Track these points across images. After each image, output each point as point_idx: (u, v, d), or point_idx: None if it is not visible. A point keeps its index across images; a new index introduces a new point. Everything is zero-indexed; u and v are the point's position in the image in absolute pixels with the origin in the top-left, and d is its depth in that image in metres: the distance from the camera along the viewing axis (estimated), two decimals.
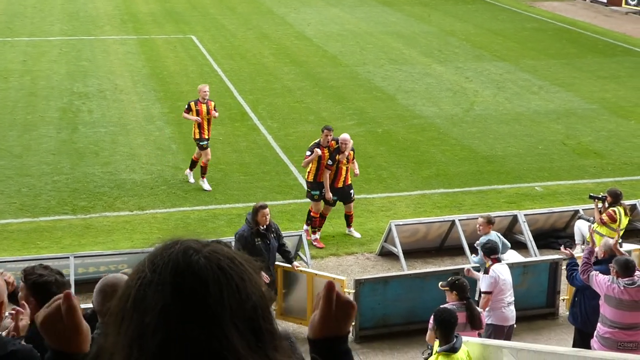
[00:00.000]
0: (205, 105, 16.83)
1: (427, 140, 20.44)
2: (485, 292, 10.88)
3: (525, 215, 14.72)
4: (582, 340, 10.63)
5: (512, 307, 11.05)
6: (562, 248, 11.80)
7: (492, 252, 11.02)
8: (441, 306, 9.55)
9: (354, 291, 11.89)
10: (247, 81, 25.66)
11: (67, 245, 14.41)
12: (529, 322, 12.13)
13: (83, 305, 6.25)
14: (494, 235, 12.14)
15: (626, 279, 9.59)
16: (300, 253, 13.90)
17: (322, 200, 15.00)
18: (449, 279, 10.27)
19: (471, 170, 18.65)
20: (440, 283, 10.30)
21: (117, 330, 1.69)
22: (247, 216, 12.30)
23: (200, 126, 16.74)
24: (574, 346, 10.69)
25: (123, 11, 37.02)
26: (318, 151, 14.78)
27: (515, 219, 14.68)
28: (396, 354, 11.69)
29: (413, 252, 14.40)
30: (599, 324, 9.81)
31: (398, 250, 13.80)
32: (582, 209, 15.02)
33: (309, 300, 11.96)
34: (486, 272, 10.99)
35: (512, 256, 13.03)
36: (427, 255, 14.65)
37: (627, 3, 41.36)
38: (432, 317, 8.52)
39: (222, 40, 31.54)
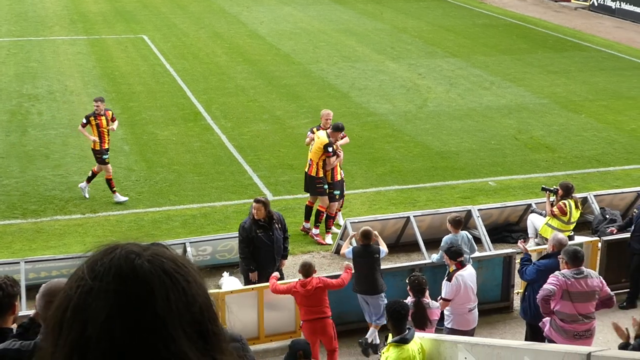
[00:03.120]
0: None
1: (381, 137, 20.49)
2: (445, 299, 10.68)
3: (479, 210, 14.83)
4: (534, 333, 10.72)
5: (475, 312, 11.02)
6: (519, 242, 11.90)
7: (456, 256, 10.80)
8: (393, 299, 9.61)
9: None
10: (200, 81, 25.49)
11: (17, 250, 14.16)
12: (484, 316, 12.19)
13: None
14: (462, 236, 12.02)
15: (574, 269, 9.67)
16: None
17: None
18: (410, 275, 10.35)
19: (425, 166, 18.74)
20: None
21: (55, 342, 1.62)
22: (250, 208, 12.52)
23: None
24: (525, 340, 10.78)
25: (72, 11, 36.54)
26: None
27: (469, 213, 14.77)
28: (353, 351, 11.68)
29: None
30: (554, 316, 9.85)
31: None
32: (535, 203, 15.18)
33: (261, 317, 11.74)
34: (449, 278, 10.75)
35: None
36: None
37: None
38: (385, 308, 8.56)
39: (174, 39, 31.29)
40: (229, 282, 12.89)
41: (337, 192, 14.95)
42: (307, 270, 10.72)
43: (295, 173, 17.97)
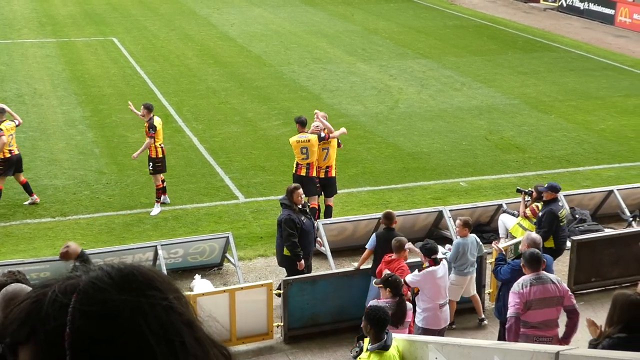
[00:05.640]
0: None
1: (352, 138, 20.49)
2: (406, 284, 10.60)
3: (450, 210, 14.88)
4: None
5: (447, 309, 11.06)
6: (493, 243, 11.98)
7: (430, 253, 10.86)
8: (371, 303, 9.56)
9: (282, 291, 11.85)
10: (171, 83, 25.38)
11: None
12: (456, 316, 12.25)
13: None
14: (472, 240, 12.03)
15: (533, 274, 9.42)
16: (227, 255, 13.80)
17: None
18: (383, 275, 10.29)
19: (397, 167, 18.79)
20: (374, 281, 10.32)
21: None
22: (282, 202, 12.58)
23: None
24: (499, 339, 10.82)
25: (41, 14, 36.22)
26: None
27: (440, 214, 14.83)
28: (325, 353, 11.68)
29: (341, 250, 14.42)
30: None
31: (326, 249, 13.80)
32: (506, 203, 15.26)
33: (233, 319, 11.69)
34: (420, 270, 10.81)
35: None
36: (355, 253, 14.66)
37: (545, 0, 42.28)
38: (365, 314, 8.49)
39: (145, 42, 31.13)
40: (201, 285, 12.84)
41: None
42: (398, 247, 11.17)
43: (267, 175, 17.96)
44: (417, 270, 10.95)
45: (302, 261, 12.35)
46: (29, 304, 1.46)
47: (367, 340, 8.47)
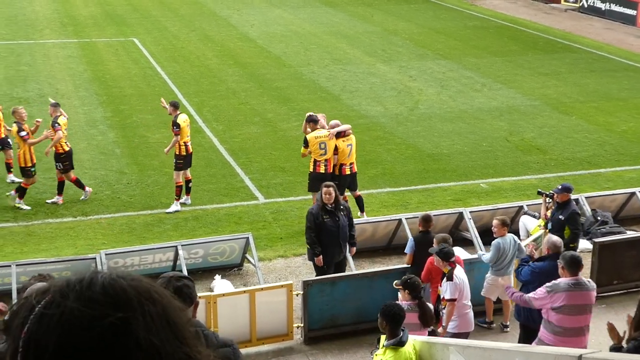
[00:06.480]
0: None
1: (372, 139, 20.49)
2: (450, 300, 10.55)
3: (470, 212, 14.81)
4: (526, 335, 10.68)
5: (472, 311, 10.97)
6: (521, 244, 11.92)
7: (448, 257, 10.67)
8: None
9: (302, 292, 11.85)
10: (191, 84, 25.46)
11: (8, 253, 14.11)
12: (476, 318, 12.20)
13: None
14: (510, 238, 11.95)
15: (572, 279, 9.38)
16: (247, 255, 13.83)
17: None
18: (403, 277, 10.23)
19: (417, 168, 18.75)
20: (394, 282, 10.26)
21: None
22: (317, 196, 13.08)
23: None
24: (519, 342, 10.76)
25: (63, 14, 36.45)
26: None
27: (461, 216, 14.77)
28: (345, 354, 11.67)
29: (361, 252, 14.40)
30: (542, 329, 9.71)
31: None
32: (527, 205, 15.18)
33: (253, 320, 11.71)
34: (449, 277, 10.61)
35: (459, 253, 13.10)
36: (374, 254, 14.68)
37: (566, 0, 42.06)
38: (380, 311, 8.48)
39: (165, 42, 31.25)
40: (221, 285, 12.89)
41: None
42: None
43: (287, 175, 17.98)
44: (445, 279, 10.76)
45: (320, 257, 12.45)
46: (18, 302, 1.56)
47: (383, 337, 8.48)
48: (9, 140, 17.22)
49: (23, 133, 15.87)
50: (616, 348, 7.62)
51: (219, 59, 28.75)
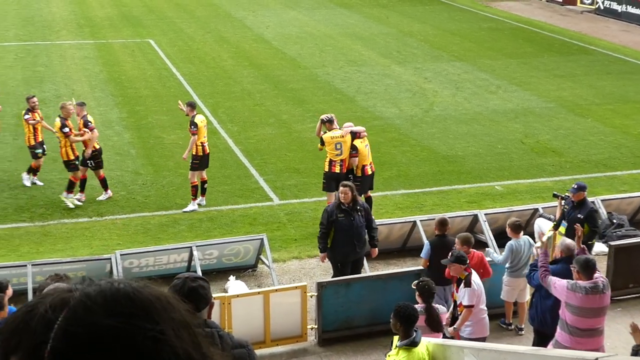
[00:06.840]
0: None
1: (387, 141, 20.48)
2: (468, 306, 10.46)
3: (485, 214, 14.78)
4: (540, 340, 10.64)
5: (487, 316, 10.94)
6: (533, 248, 11.88)
7: (464, 261, 10.57)
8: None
9: (316, 294, 11.86)
10: (207, 85, 25.53)
11: (24, 253, 14.20)
12: (491, 321, 12.17)
13: None
14: (525, 240, 11.96)
15: (588, 282, 9.35)
16: (262, 257, 13.85)
17: None
18: (419, 279, 10.20)
19: (432, 170, 18.73)
20: (413, 282, 10.20)
21: None
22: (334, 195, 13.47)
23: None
24: (533, 346, 10.72)
25: (79, 16, 36.62)
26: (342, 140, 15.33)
27: (475, 218, 14.75)
28: (360, 356, 11.67)
29: None
30: (558, 329, 9.71)
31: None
32: (542, 207, 15.11)
33: (267, 321, 11.71)
34: (467, 283, 10.50)
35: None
36: (389, 256, 14.66)
37: (582, 2, 41.89)
38: (393, 312, 8.47)
39: (181, 44, 31.35)
40: (235, 286, 12.92)
41: None
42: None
43: (302, 177, 17.99)
44: (462, 285, 10.64)
45: (323, 254, 12.66)
46: (22, 314, 1.42)
47: (396, 337, 8.48)
48: (44, 146, 17.24)
49: (66, 129, 16.10)
50: (637, 350, 7.59)
51: (234, 61, 28.82)
